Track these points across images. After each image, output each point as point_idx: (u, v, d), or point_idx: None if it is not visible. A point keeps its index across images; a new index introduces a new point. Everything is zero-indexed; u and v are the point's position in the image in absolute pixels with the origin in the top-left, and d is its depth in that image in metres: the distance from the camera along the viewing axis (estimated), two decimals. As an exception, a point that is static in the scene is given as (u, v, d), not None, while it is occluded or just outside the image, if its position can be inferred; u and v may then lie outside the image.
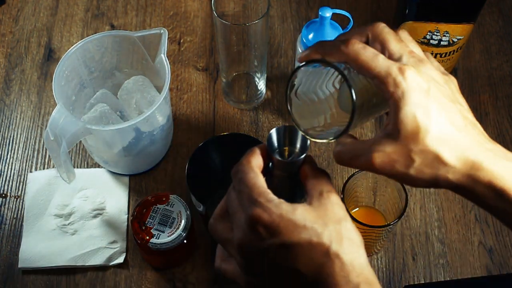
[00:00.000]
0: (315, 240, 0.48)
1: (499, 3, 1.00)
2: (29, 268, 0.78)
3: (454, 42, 0.75)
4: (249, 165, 0.52)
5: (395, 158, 0.48)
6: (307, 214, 0.49)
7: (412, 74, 0.47)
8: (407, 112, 0.47)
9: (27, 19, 0.99)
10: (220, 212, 0.54)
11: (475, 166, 0.48)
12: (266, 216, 0.48)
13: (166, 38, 0.77)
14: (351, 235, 0.49)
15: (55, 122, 0.71)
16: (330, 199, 0.50)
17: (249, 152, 0.53)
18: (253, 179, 0.50)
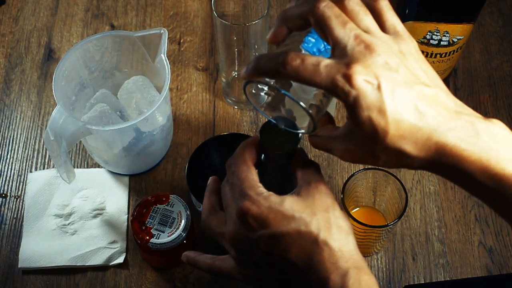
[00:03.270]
0: (303, 229, 0.49)
1: (499, 3, 1.00)
2: (29, 268, 0.78)
3: (454, 42, 0.75)
4: (242, 158, 0.53)
5: (360, 155, 0.49)
6: (295, 205, 0.50)
7: (359, 78, 0.44)
8: (363, 117, 0.45)
9: (27, 19, 0.99)
10: (210, 207, 0.56)
11: (439, 151, 0.46)
12: (255, 208, 0.50)
13: (166, 38, 0.77)
14: (340, 222, 0.51)
15: (55, 122, 0.71)
16: (318, 188, 0.51)
17: (243, 144, 0.54)
18: (245, 172, 0.52)
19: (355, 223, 0.71)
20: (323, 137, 0.52)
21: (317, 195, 0.51)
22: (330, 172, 0.85)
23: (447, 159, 0.47)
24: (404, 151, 0.47)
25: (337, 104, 0.90)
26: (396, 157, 0.47)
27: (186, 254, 0.60)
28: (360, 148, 0.48)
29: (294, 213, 0.49)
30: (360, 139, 0.47)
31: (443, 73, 0.80)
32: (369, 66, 0.45)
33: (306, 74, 0.45)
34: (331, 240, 0.49)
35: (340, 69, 0.45)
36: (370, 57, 0.45)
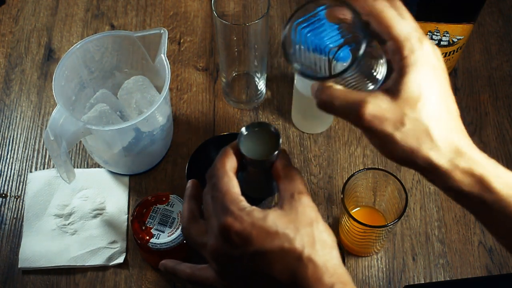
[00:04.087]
0: (287, 246, 0.48)
1: (499, 3, 1.00)
2: (29, 268, 0.78)
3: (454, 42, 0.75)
4: (223, 169, 0.52)
5: (386, 115, 0.48)
6: (279, 220, 0.49)
7: (429, 48, 0.48)
8: (414, 78, 0.48)
9: (27, 19, 0.99)
10: (190, 214, 0.54)
11: (458, 150, 0.49)
12: (238, 225, 0.48)
13: (166, 38, 0.77)
14: (324, 236, 0.50)
15: (55, 122, 0.71)
16: (301, 201, 0.50)
17: (223, 153, 0.53)
18: (227, 185, 0.51)
19: (355, 223, 0.71)
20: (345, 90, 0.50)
21: (300, 209, 0.50)
22: (330, 172, 0.85)
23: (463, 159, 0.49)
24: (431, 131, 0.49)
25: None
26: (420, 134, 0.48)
27: (163, 263, 0.58)
28: (390, 107, 0.48)
29: (278, 229, 0.48)
30: (397, 99, 0.48)
31: (443, 73, 0.80)
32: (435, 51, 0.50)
33: (389, 15, 0.48)
34: (315, 255, 0.48)
35: (416, 32, 0.49)
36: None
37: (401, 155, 0.49)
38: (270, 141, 0.53)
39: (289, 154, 0.86)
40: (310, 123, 0.87)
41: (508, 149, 0.87)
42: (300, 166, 0.86)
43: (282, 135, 0.88)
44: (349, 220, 0.72)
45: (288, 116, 0.89)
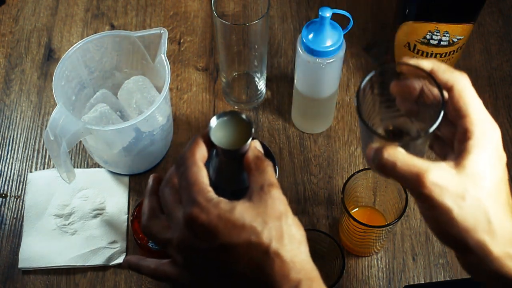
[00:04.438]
0: (254, 239, 0.47)
1: (499, 3, 1.00)
2: (29, 268, 0.78)
3: (454, 42, 0.75)
4: (192, 158, 0.50)
5: (448, 187, 0.48)
6: (246, 212, 0.48)
7: (498, 132, 0.50)
8: (482, 157, 0.48)
9: (27, 19, 0.99)
10: (151, 211, 0.53)
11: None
12: (204, 217, 0.47)
13: (166, 38, 0.77)
14: (292, 231, 0.48)
15: (55, 122, 0.71)
16: (271, 193, 0.49)
17: (192, 142, 0.51)
18: (195, 174, 0.49)
19: (355, 223, 0.71)
20: (408, 155, 0.50)
21: (269, 201, 0.48)
22: (330, 172, 0.85)
23: None
24: (490, 213, 0.49)
25: (337, 104, 0.90)
26: (479, 214, 0.49)
27: (127, 259, 0.56)
28: (453, 180, 0.48)
29: (245, 222, 0.47)
30: (462, 173, 0.49)
31: (443, 73, 0.80)
32: (499, 137, 0.52)
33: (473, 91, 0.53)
34: (282, 250, 0.47)
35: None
36: None
37: (454, 233, 0.49)
38: (242, 131, 0.51)
39: (289, 154, 0.86)
40: (310, 123, 0.87)
41: (508, 149, 0.87)
42: (300, 166, 0.86)
43: (282, 135, 0.88)
44: (349, 220, 0.72)
45: (288, 116, 0.90)
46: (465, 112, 0.50)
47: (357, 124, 0.89)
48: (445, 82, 0.51)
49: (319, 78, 0.78)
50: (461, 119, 0.50)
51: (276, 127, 0.89)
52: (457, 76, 0.52)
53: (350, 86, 0.92)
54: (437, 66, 0.52)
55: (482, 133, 0.49)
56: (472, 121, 0.50)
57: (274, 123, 0.89)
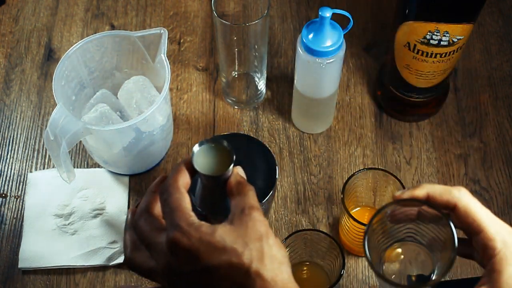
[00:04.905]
0: (235, 261, 0.48)
1: (499, 3, 1.00)
2: (29, 268, 0.78)
3: (454, 42, 0.75)
4: (175, 184, 0.52)
5: None
6: (227, 235, 0.49)
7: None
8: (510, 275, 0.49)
9: (27, 19, 0.99)
10: (133, 243, 0.54)
11: None
12: (186, 240, 0.48)
13: (166, 38, 0.77)
14: (273, 251, 0.49)
15: (55, 122, 0.71)
16: (252, 216, 0.50)
17: (176, 169, 0.53)
18: (178, 201, 0.51)
19: (355, 223, 0.71)
20: None
21: (250, 223, 0.49)
22: (330, 172, 0.85)
23: None
24: None
25: (337, 104, 0.90)
26: None
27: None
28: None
29: (226, 244, 0.48)
30: None
31: (443, 73, 0.80)
32: None
33: (479, 208, 0.52)
34: (263, 270, 0.48)
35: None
36: None
37: None
38: (224, 157, 0.53)
39: (289, 154, 0.86)
40: (310, 123, 0.87)
41: (508, 149, 0.87)
42: (300, 166, 0.86)
43: (282, 135, 0.88)
44: (349, 220, 0.72)
45: (288, 116, 0.90)
46: (477, 228, 0.51)
47: (357, 124, 0.89)
48: (446, 204, 0.52)
49: (319, 78, 0.78)
50: (477, 236, 0.51)
51: (276, 127, 0.89)
52: (456, 194, 0.52)
53: (350, 86, 0.92)
54: (432, 191, 0.52)
55: (503, 244, 0.50)
56: (489, 236, 0.50)
57: (274, 123, 0.89)
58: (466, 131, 0.88)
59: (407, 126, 0.89)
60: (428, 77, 0.80)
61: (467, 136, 0.88)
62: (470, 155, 0.87)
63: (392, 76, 0.84)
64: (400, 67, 0.82)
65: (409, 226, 0.55)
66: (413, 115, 0.88)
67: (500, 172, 0.85)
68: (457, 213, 0.51)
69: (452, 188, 0.52)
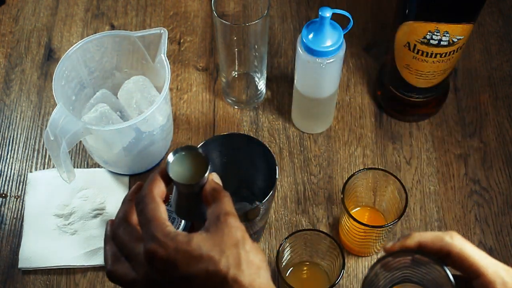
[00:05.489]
0: (211, 268, 0.48)
1: (499, 3, 1.00)
2: (29, 268, 0.78)
3: (454, 42, 0.75)
4: (150, 195, 0.52)
5: None
6: (204, 243, 0.49)
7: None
8: None
9: (27, 19, 0.99)
10: (113, 256, 0.54)
11: None
12: (162, 251, 0.49)
13: (166, 38, 0.77)
14: (250, 257, 0.50)
15: (55, 122, 0.71)
16: (227, 222, 0.50)
17: (150, 179, 0.53)
18: (153, 211, 0.51)
19: (355, 223, 0.71)
20: None
21: (226, 230, 0.50)
22: (330, 172, 0.85)
23: None
24: None
25: (337, 104, 0.90)
26: None
27: None
28: None
29: (202, 252, 0.49)
30: None
31: (443, 73, 0.80)
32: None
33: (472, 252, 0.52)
34: (241, 276, 0.48)
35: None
36: None
37: None
38: (199, 165, 0.53)
39: (289, 154, 0.86)
40: (310, 123, 0.87)
41: (508, 149, 0.87)
42: (300, 166, 0.86)
43: (282, 135, 0.88)
44: (349, 220, 0.72)
45: (288, 116, 0.90)
46: (475, 272, 0.51)
47: (357, 124, 0.89)
48: (439, 251, 0.52)
49: (319, 78, 0.78)
50: (476, 280, 0.51)
51: (276, 127, 0.89)
52: (448, 240, 0.52)
53: (350, 86, 0.92)
54: (423, 239, 0.52)
55: (503, 285, 0.50)
56: (488, 279, 0.50)
57: (274, 123, 0.89)
58: (466, 131, 0.88)
59: (407, 126, 0.89)
60: (428, 77, 0.80)
61: (467, 136, 0.88)
62: (470, 155, 0.87)
63: (392, 76, 0.84)
64: (400, 67, 0.82)
65: (405, 271, 0.55)
66: (413, 115, 0.88)
67: (500, 172, 0.85)
68: (452, 259, 0.51)
69: (443, 234, 0.52)
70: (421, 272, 0.54)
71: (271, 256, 0.79)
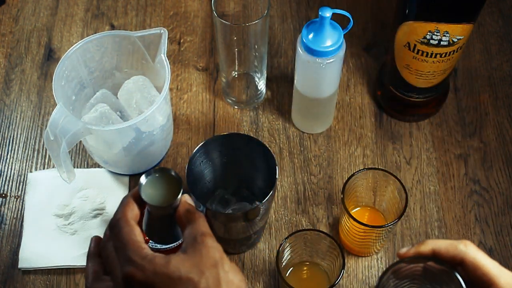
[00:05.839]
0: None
1: (499, 3, 1.00)
2: (29, 268, 0.78)
3: (454, 42, 0.75)
4: (124, 218, 0.52)
5: None
6: (182, 264, 0.49)
7: None
8: None
9: (27, 19, 0.99)
10: (94, 273, 0.54)
11: None
12: (140, 275, 0.49)
13: (166, 38, 0.77)
14: (229, 277, 0.50)
15: (55, 122, 0.71)
16: (204, 243, 0.50)
17: (124, 202, 0.53)
18: (128, 235, 0.51)
19: (355, 223, 0.71)
20: None
21: (204, 251, 0.50)
22: (330, 172, 0.85)
23: None
24: None
25: (337, 104, 0.90)
26: None
27: None
28: None
29: (181, 274, 0.48)
30: None
31: (443, 73, 0.80)
32: None
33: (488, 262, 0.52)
34: None
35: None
36: None
37: None
38: (172, 187, 0.53)
39: (289, 154, 0.86)
40: (310, 123, 0.87)
41: (508, 149, 0.87)
42: (300, 166, 0.86)
43: (282, 135, 0.88)
44: (349, 220, 0.72)
45: (288, 116, 0.90)
46: (488, 281, 0.51)
47: (357, 124, 0.89)
48: (453, 259, 0.52)
49: (319, 78, 0.78)
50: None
51: (276, 127, 0.89)
52: (462, 248, 0.52)
53: (350, 86, 0.92)
54: (437, 246, 0.53)
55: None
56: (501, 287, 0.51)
57: (274, 123, 0.89)
58: (466, 131, 0.88)
59: (407, 126, 0.89)
60: (428, 77, 0.80)
61: (467, 136, 0.88)
62: (470, 155, 0.87)
63: (392, 76, 0.84)
64: (400, 67, 0.82)
65: (415, 282, 0.55)
66: (413, 115, 0.88)
67: (500, 172, 0.85)
68: (465, 267, 0.52)
69: (457, 242, 0.52)
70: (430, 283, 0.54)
71: (271, 256, 0.79)
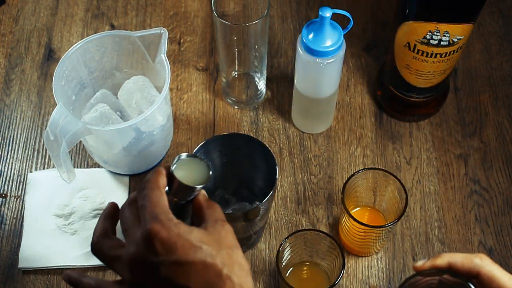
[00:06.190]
0: (209, 260, 0.50)
1: (499, 3, 1.00)
2: (29, 268, 0.78)
3: (454, 42, 0.75)
4: (156, 183, 0.54)
5: None
6: (203, 237, 0.51)
7: None
8: None
9: (27, 19, 0.99)
10: (103, 231, 0.55)
11: None
12: (164, 232, 0.50)
13: (166, 38, 0.77)
14: (242, 261, 0.52)
15: (55, 122, 0.71)
16: (225, 227, 0.53)
17: (156, 171, 0.55)
18: (158, 197, 0.53)
19: (355, 223, 0.71)
20: None
21: (223, 233, 0.53)
22: (330, 172, 0.85)
23: None
24: None
25: (337, 104, 0.90)
26: None
27: (67, 273, 0.57)
28: None
29: (202, 244, 0.51)
30: None
31: (443, 73, 0.80)
32: None
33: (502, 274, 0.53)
34: (233, 275, 0.51)
35: None
36: None
37: None
38: (202, 173, 0.55)
39: (289, 154, 0.86)
40: (310, 123, 0.87)
41: (508, 149, 0.87)
42: (300, 166, 0.86)
43: (282, 135, 0.88)
44: (349, 220, 0.72)
45: (288, 116, 0.90)
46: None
47: (357, 124, 0.89)
48: (468, 272, 0.53)
49: (319, 78, 0.78)
50: None
51: (276, 127, 0.89)
52: (478, 262, 0.53)
53: (350, 86, 0.92)
54: (453, 259, 0.53)
55: None
56: None
57: (274, 123, 0.89)
58: (466, 131, 0.88)
59: (407, 126, 0.89)
60: (428, 77, 0.80)
61: (467, 136, 0.88)
62: (470, 155, 0.87)
63: (392, 76, 0.84)
64: (400, 67, 0.82)
65: None
66: (413, 115, 0.88)
67: (500, 172, 0.85)
68: (481, 280, 0.52)
69: (472, 255, 0.53)
70: None
71: (271, 256, 0.79)
